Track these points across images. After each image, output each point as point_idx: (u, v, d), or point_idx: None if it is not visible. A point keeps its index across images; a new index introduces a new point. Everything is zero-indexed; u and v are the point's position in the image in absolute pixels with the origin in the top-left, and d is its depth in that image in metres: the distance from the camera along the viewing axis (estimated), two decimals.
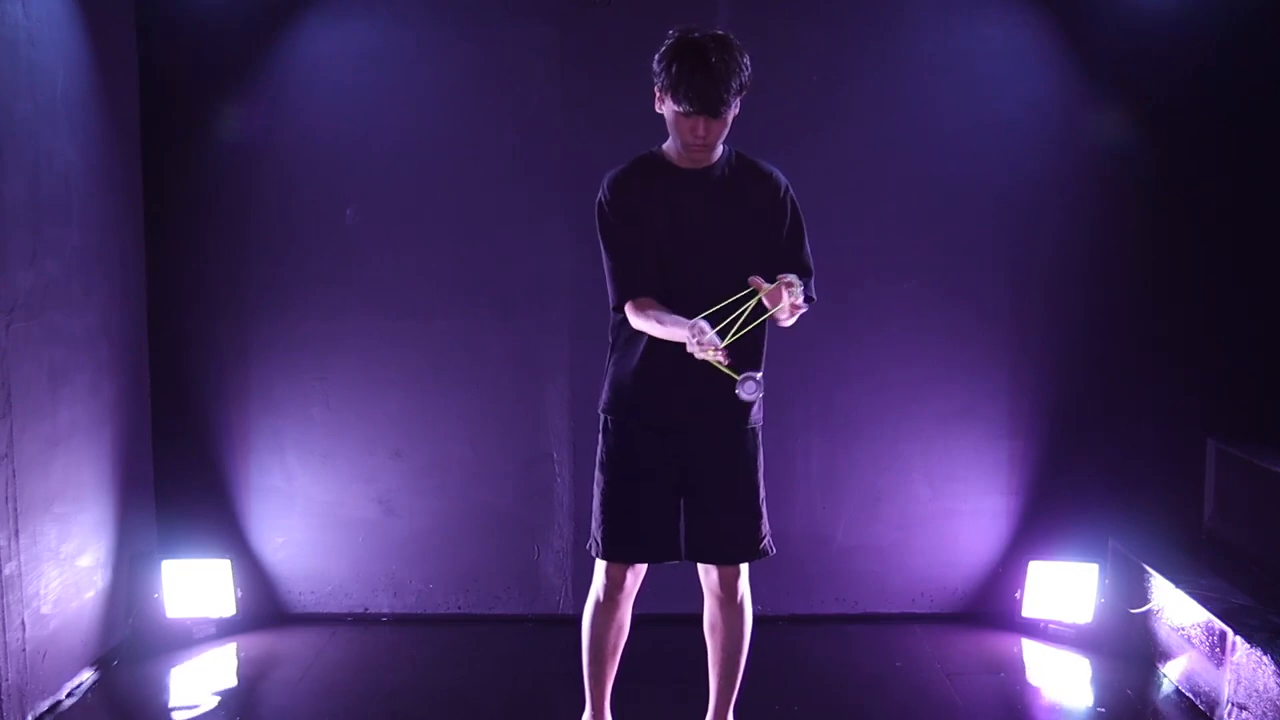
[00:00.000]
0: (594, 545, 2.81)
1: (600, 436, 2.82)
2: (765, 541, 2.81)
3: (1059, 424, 4.03)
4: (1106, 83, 3.91)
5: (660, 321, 2.58)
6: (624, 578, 2.81)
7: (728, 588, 2.82)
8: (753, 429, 2.79)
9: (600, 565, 2.83)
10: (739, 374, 2.45)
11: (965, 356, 4.02)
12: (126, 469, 3.86)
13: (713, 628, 2.89)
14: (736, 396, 2.47)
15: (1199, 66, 3.90)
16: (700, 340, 2.38)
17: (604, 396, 2.81)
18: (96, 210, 3.66)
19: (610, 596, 2.83)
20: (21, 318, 3.21)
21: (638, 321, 2.65)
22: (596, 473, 2.81)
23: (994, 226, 3.98)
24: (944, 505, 4.06)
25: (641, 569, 2.84)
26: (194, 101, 3.95)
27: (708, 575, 2.84)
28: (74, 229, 3.51)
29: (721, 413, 2.70)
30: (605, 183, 2.74)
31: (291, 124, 3.96)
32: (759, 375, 2.48)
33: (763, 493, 2.82)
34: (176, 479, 4.05)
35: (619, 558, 2.79)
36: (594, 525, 2.81)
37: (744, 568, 2.83)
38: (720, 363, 2.40)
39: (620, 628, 2.89)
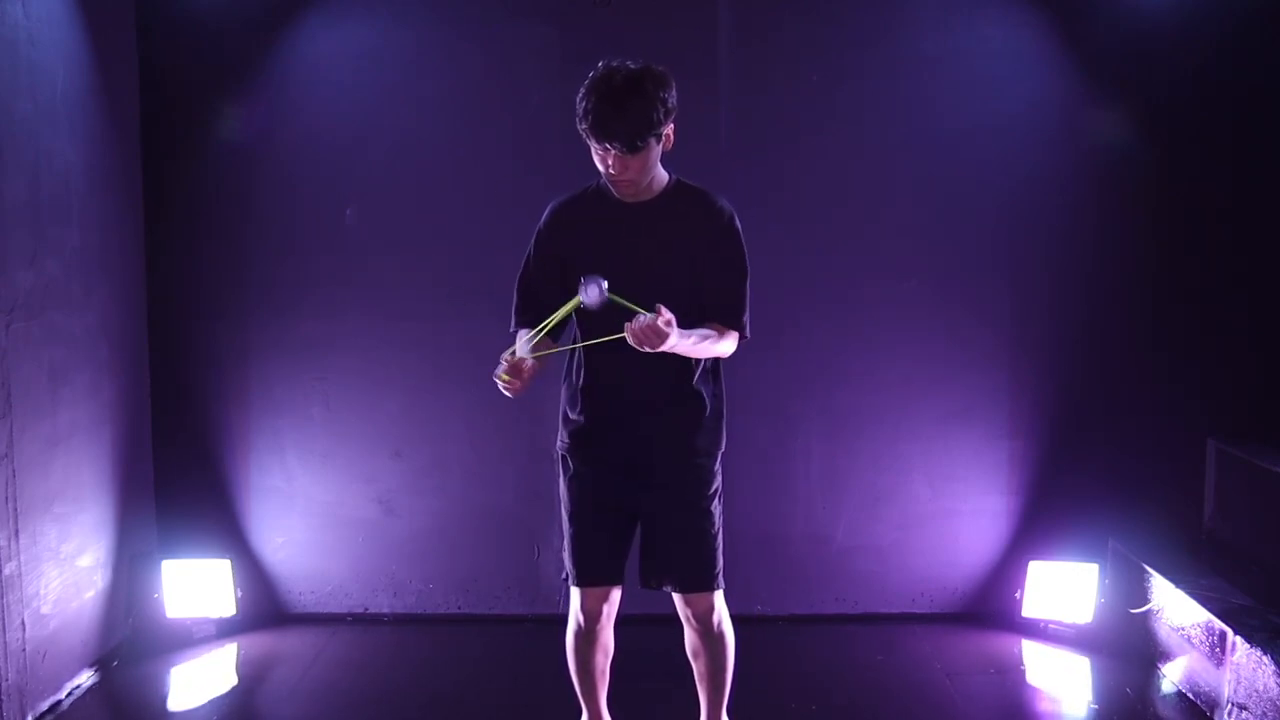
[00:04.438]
0: (569, 575, 2.81)
1: (558, 470, 2.82)
2: (718, 576, 2.77)
3: (1059, 424, 4.03)
4: (1106, 83, 3.91)
5: None
6: (599, 610, 2.79)
7: (702, 620, 2.79)
8: (702, 462, 2.74)
9: (575, 596, 2.81)
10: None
11: (965, 356, 4.02)
12: (126, 469, 3.86)
13: (694, 653, 2.88)
14: (681, 433, 2.56)
15: (1199, 66, 3.90)
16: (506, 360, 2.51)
17: (558, 433, 2.80)
18: (96, 210, 3.66)
19: (588, 627, 2.82)
20: (21, 318, 3.21)
21: None
22: (560, 506, 2.82)
23: (994, 226, 3.98)
24: (944, 505, 4.06)
25: (616, 597, 2.82)
26: (194, 101, 3.95)
27: (681, 606, 2.82)
28: (74, 229, 3.51)
29: (669, 446, 2.68)
30: (547, 209, 2.74)
31: (291, 124, 3.97)
32: (604, 281, 2.48)
33: (718, 524, 2.77)
34: (176, 479, 4.06)
35: (587, 583, 2.77)
36: (565, 556, 2.82)
37: (718, 598, 2.79)
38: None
39: (605, 651, 2.88)
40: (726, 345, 2.67)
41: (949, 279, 4.00)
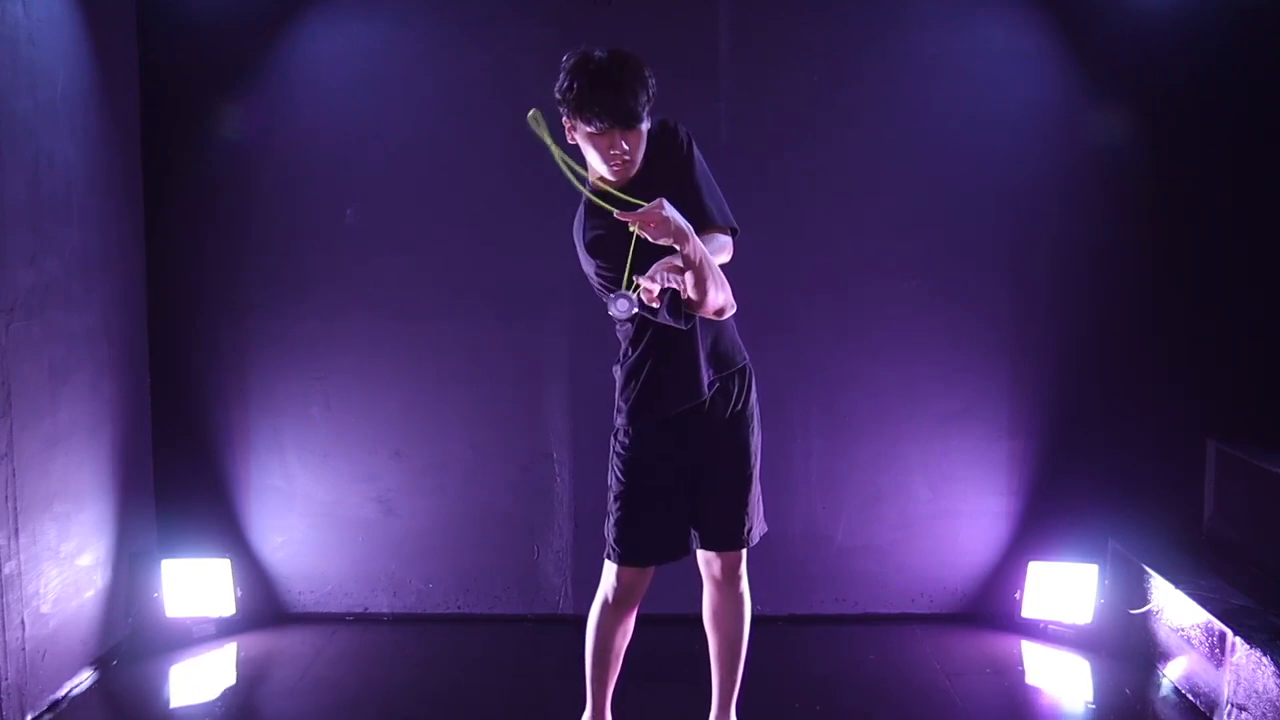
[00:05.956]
0: (611, 551, 2.79)
1: (614, 441, 2.79)
2: (758, 528, 2.83)
3: (1059, 424, 4.03)
4: (1108, 83, 3.91)
5: None
6: (636, 582, 2.80)
7: (729, 573, 2.83)
8: (748, 413, 2.80)
9: (611, 569, 2.81)
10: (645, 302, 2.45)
11: (965, 356, 4.02)
12: (126, 468, 3.86)
13: (714, 615, 2.90)
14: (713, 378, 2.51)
15: (1200, 67, 3.90)
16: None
17: (619, 402, 2.77)
18: (96, 210, 3.66)
19: (620, 600, 2.81)
20: (21, 317, 3.21)
21: None
22: (611, 478, 2.79)
23: (994, 226, 3.98)
24: (944, 506, 4.06)
25: (651, 571, 2.83)
26: (194, 101, 3.95)
27: (709, 564, 2.85)
28: (74, 229, 3.51)
29: (718, 399, 2.71)
30: (578, 242, 2.67)
31: (291, 124, 3.97)
32: (631, 295, 2.45)
33: (756, 473, 2.83)
34: (176, 479, 4.06)
35: (637, 561, 2.77)
36: (610, 531, 2.78)
37: (743, 554, 2.84)
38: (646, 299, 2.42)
39: (626, 631, 2.88)
40: (726, 250, 2.66)
41: (949, 279, 3.99)
